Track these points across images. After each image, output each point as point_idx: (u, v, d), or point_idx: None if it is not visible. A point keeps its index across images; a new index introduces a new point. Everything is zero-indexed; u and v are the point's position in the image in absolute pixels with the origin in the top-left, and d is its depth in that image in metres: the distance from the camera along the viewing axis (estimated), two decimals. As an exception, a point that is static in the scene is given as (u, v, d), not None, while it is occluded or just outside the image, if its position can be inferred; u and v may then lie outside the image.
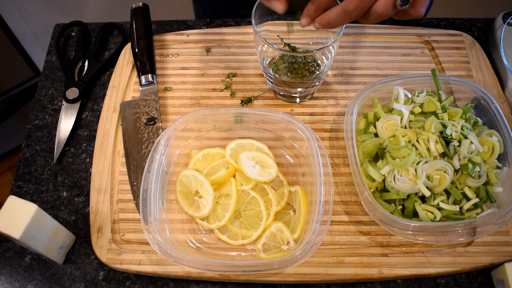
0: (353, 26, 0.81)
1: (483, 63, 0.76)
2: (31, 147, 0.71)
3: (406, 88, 0.67)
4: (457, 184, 0.59)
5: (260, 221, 0.61)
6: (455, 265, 0.60)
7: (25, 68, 1.60)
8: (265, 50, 0.69)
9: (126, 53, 0.78)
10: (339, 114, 0.72)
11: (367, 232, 0.62)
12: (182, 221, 0.63)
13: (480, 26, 0.83)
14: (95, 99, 0.76)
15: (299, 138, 0.64)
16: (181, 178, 0.64)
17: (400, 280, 0.60)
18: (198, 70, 0.77)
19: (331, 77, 0.76)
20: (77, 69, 0.78)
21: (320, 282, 0.60)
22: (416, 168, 0.58)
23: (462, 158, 0.59)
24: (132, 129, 0.70)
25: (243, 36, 0.80)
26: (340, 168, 0.67)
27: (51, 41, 0.83)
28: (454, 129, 0.60)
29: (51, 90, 0.77)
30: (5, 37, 1.48)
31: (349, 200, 0.65)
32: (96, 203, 0.65)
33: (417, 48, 0.78)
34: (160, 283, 0.61)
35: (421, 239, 0.58)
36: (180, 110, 0.73)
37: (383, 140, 0.62)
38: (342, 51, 0.78)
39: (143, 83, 0.74)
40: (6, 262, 0.62)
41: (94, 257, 0.62)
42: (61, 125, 0.72)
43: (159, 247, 0.55)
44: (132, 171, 0.67)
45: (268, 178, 0.63)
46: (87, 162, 0.70)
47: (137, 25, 0.77)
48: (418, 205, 0.59)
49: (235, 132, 0.68)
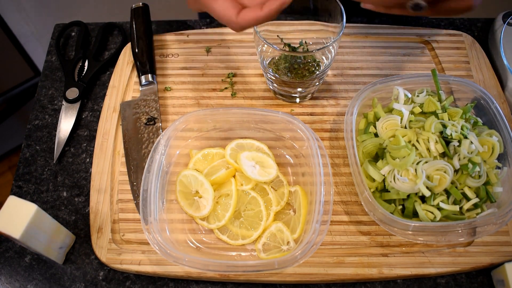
0: (353, 26, 0.81)
1: (483, 63, 0.76)
2: (31, 147, 0.71)
3: (406, 88, 0.67)
4: (457, 184, 0.59)
5: (260, 221, 0.61)
6: (455, 265, 0.60)
7: (25, 68, 1.60)
8: (265, 50, 0.69)
9: (126, 53, 0.78)
10: (339, 114, 0.72)
11: (367, 232, 0.62)
12: (182, 221, 0.63)
13: (480, 26, 0.83)
14: (95, 99, 0.76)
15: (299, 138, 0.64)
16: (181, 178, 0.64)
17: (400, 280, 0.60)
18: (198, 70, 0.77)
19: (331, 77, 0.76)
20: (77, 69, 0.78)
21: (320, 282, 0.60)
22: (416, 168, 0.58)
23: (462, 158, 0.59)
24: (132, 129, 0.70)
25: (243, 36, 0.80)
26: (340, 168, 0.67)
27: (51, 41, 0.83)
28: (454, 129, 0.60)
29: (51, 90, 0.77)
30: (5, 37, 1.48)
31: (349, 200, 0.65)
32: (96, 203, 0.65)
33: (417, 48, 0.78)
34: (160, 283, 0.61)
35: (421, 239, 0.58)
36: (180, 110, 0.73)
37: (383, 140, 0.62)
38: (342, 51, 0.78)
39: (143, 83, 0.74)
40: (6, 262, 0.62)
41: (94, 257, 0.62)
42: (61, 125, 0.72)
43: (159, 247, 0.55)
44: (132, 171, 0.67)
45: (268, 178, 0.63)
46: (87, 162, 0.70)
47: (137, 25, 0.77)
48: (418, 205, 0.59)
49: (235, 132, 0.68)
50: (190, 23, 0.84)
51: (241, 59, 0.78)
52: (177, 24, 0.84)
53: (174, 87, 0.75)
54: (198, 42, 0.80)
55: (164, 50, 0.79)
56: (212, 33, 0.81)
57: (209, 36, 0.80)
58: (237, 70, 0.77)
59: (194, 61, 0.78)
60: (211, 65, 0.77)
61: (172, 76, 0.77)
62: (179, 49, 0.79)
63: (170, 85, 0.76)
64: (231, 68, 0.77)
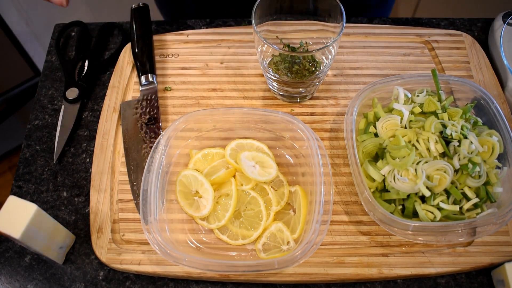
0: (353, 26, 0.81)
1: (483, 63, 0.76)
2: (31, 147, 0.71)
3: (406, 88, 0.67)
4: (457, 184, 0.59)
5: (260, 221, 0.61)
6: (455, 265, 0.60)
7: (25, 68, 1.60)
8: (265, 50, 0.69)
9: (126, 53, 0.78)
10: (339, 114, 0.72)
11: (367, 232, 0.62)
12: (182, 221, 0.63)
13: (480, 26, 0.83)
14: (95, 99, 0.76)
15: (299, 138, 0.64)
16: (181, 178, 0.64)
17: (400, 280, 0.60)
18: (198, 70, 0.77)
19: (331, 77, 0.76)
20: (77, 69, 0.78)
21: (320, 282, 0.60)
22: (416, 168, 0.58)
23: (462, 158, 0.59)
24: (132, 129, 0.70)
25: (243, 36, 0.80)
26: (340, 168, 0.67)
27: (51, 41, 0.83)
28: (454, 129, 0.60)
29: (51, 90, 0.77)
30: (5, 37, 1.48)
31: (349, 200, 0.65)
32: (96, 203, 0.65)
33: (417, 48, 0.78)
34: (160, 283, 0.61)
35: (421, 239, 0.58)
36: (180, 110, 0.73)
37: (383, 140, 0.62)
38: (342, 51, 0.78)
39: (143, 83, 0.74)
40: (6, 262, 0.62)
41: (94, 257, 0.62)
42: (61, 125, 0.72)
43: (159, 247, 0.55)
44: (132, 171, 0.67)
45: (268, 178, 0.63)
46: (87, 162, 0.70)
47: (137, 25, 0.77)
48: (418, 205, 0.59)
49: (235, 132, 0.68)
50: (190, 23, 0.84)
51: (241, 59, 0.78)
52: (177, 24, 0.84)
53: (174, 87, 0.75)
54: (198, 42, 0.80)
55: (164, 50, 0.79)
56: (212, 33, 0.81)
57: (209, 36, 0.80)
58: (237, 70, 0.77)
59: (194, 61, 0.78)
60: (211, 65, 0.77)
61: (172, 76, 0.77)
62: (179, 49, 0.79)
63: (170, 85, 0.76)
64: (231, 68, 0.77)
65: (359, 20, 0.83)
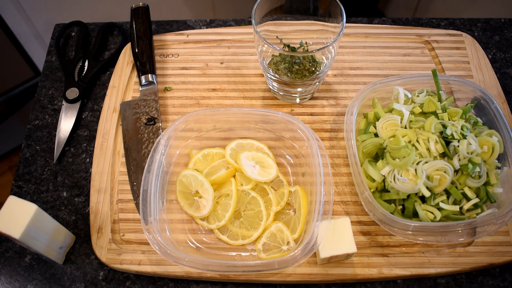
0: (353, 26, 0.81)
1: (483, 63, 0.76)
2: (31, 147, 0.71)
3: (406, 88, 0.67)
4: (457, 184, 0.59)
5: (260, 221, 0.61)
6: (455, 265, 0.60)
7: (25, 68, 1.60)
8: (265, 50, 0.69)
9: (126, 53, 0.78)
10: (339, 114, 0.72)
11: (367, 232, 0.62)
12: (182, 221, 0.63)
13: (480, 26, 0.83)
14: (95, 99, 0.76)
15: (299, 138, 0.64)
16: (181, 178, 0.64)
17: (400, 280, 0.60)
18: (198, 70, 0.77)
19: (331, 77, 0.76)
20: (77, 69, 0.78)
21: (320, 282, 0.60)
22: (416, 168, 0.58)
23: (462, 158, 0.59)
24: (132, 129, 0.70)
25: (243, 36, 0.80)
26: (340, 168, 0.67)
27: (51, 41, 0.83)
28: (454, 129, 0.60)
29: (51, 90, 0.77)
30: (5, 37, 1.47)
31: (349, 200, 0.65)
32: (96, 203, 0.65)
33: (417, 48, 0.78)
34: (160, 283, 0.61)
35: (421, 239, 0.58)
36: (180, 110, 0.73)
37: (383, 140, 0.62)
38: (342, 51, 0.78)
39: (143, 83, 0.74)
40: (6, 262, 0.62)
41: (94, 257, 0.62)
42: (61, 125, 0.72)
43: (159, 247, 0.55)
44: (132, 171, 0.67)
45: (268, 178, 0.63)
46: (87, 162, 0.70)
47: (137, 25, 0.77)
48: (418, 205, 0.59)
49: (235, 132, 0.68)
50: (190, 23, 0.84)
51: (241, 59, 0.78)
52: (177, 24, 0.84)
53: (174, 87, 0.75)
54: (198, 42, 0.80)
55: (164, 50, 0.79)
56: (212, 33, 0.81)
57: (209, 36, 0.80)
58: (237, 70, 0.77)
59: (194, 61, 0.78)
60: (211, 65, 0.77)
61: (172, 76, 0.77)
62: (179, 49, 0.79)
63: (170, 85, 0.76)
64: (231, 68, 0.77)
65: (359, 20, 0.83)
